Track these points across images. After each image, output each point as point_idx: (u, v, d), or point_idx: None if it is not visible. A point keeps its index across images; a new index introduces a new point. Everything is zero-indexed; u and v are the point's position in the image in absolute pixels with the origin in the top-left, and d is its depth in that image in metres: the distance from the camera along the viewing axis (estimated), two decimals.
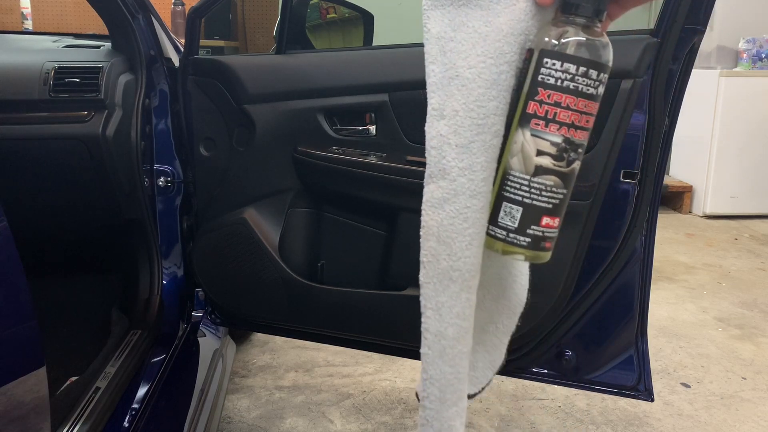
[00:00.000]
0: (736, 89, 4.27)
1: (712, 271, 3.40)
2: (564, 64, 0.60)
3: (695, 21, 1.22)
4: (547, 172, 0.62)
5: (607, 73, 0.61)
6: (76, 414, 1.22)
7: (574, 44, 0.60)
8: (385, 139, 1.41)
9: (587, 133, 0.62)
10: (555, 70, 0.60)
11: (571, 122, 0.60)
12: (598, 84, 0.60)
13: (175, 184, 1.63)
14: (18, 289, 0.79)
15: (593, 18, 0.61)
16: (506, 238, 0.64)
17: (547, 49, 0.61)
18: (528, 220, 0.63)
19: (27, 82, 1.52)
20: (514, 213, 0.63)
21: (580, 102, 0.60)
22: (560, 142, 0.61)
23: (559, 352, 1.42)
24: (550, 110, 0.60)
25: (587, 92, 0.60)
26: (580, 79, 0.60)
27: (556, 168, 0.62)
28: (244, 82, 1.47)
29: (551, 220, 0.63)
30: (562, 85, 0.60)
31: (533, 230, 0.63)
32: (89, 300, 1.91)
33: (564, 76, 0.60)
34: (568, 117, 0.60)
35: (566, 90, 0.60)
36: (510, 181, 0.63)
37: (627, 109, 1.23)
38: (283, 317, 1.53)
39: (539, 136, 0.61)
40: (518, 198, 0.63)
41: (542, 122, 0.61)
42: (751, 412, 2.07)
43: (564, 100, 0.60)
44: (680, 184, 4.56)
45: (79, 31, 2.64)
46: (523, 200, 0.63)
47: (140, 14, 1.58)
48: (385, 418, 1.98)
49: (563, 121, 0.60)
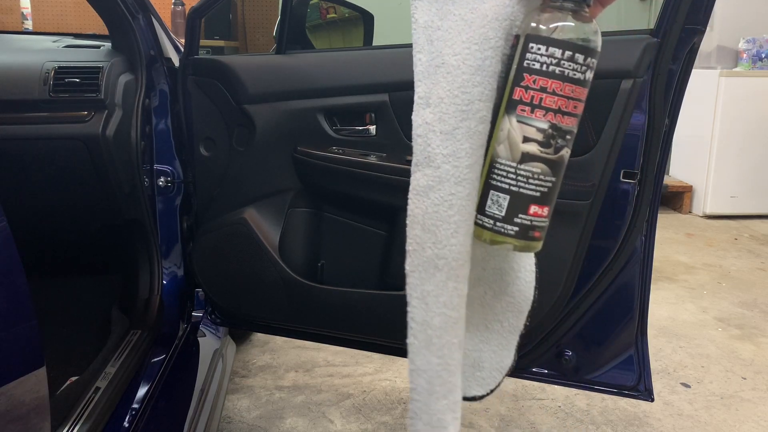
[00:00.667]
0: (736, 89, 4.27)
1: (712, 271, 3.40)
2: (549, 48, 0.59)
3: (695, 21, 1.22)
4: (534, 159, 0.61)
5: (595, 58, 0.60)
6: (76, 414, 1.22)
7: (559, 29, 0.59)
8: (385, 139, 1.41)
9: (576, 119, 0.61)
10: (540, 54, 0.59)
11: (557, 108, 0.59)
12: (585, 69, 0.59)
13: (175, 184, 1.63)
14: (18, 289, 0.79)
15: (580, 2, 0.60)
16: (493, 227, 0.63)
17: (532, 34, 0.60)
18: (515, 209, 0.62)
19: (27, 82, 1.52)
20: (501, 201, 0.62)
21: (567, 87, 0.59)
22: (547, 128, 0.60)
23: (559, 352, 1.42)
24: (535, 96, 0.59)
25: (574, 77, 0.59)
26: (566, 63, 0.59)
27: (544, 155, 0.61)
28: (244, 82, 1.47)
29: (539, 208, 0.62)
30: (548, 69, 0.59)
31: (521, 219, 0.62)
32: (89, 300, 1.91)
33: (549, 61, 0.59)
34: (555, 102, 0.59)
35: (552, 75, 0.59)
36: (497, 169, 0.62)
37: (627, 109, 1.23)
38: (283, 317, 1.53)
39: (525, 123, 0.60)
40: (505, 186, 0.62)
41: (528, 108, 0.60)
42: (751, 412, 2.07)
43: (550, 85, 0.59)
44: (680, 184, 4.56)
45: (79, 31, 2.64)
46: (510, 188, 0.62)
47: (140, 14, 1.58)
48: (385, 418, 1.98)
49: (549, 107, 0.59)
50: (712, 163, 4.38)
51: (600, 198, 1.27)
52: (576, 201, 1.25)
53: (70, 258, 2.01)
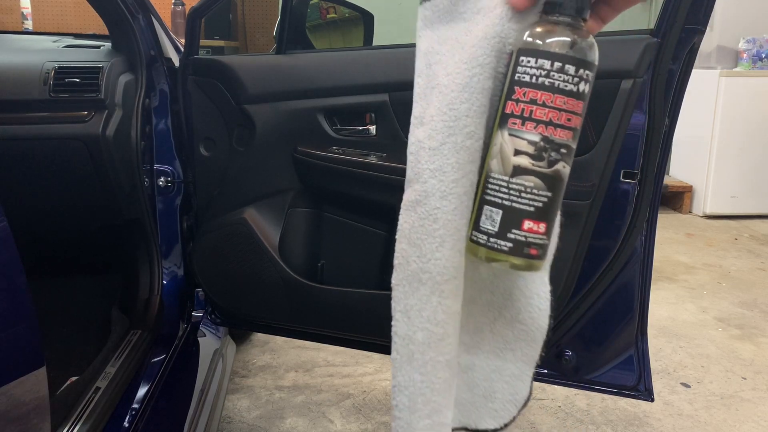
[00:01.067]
0: (736, 89, 4.27)
1: (712, 271, 3.40)
2: (538, 60, 0.58)
3: (695, 21, 1.22)
4: (526, 173, 0.60)
5: (590, 71, 0.60)
6: (76, 414, 1.22)
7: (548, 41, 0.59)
8: (385, 139, 1.41)
9: (571, 132, 0.60)
10: (530, 66, 0.59)
11: (548, 120, 0.59)
12: (578, 80, 0.59)
13: (175, 184, 1.63)
14: (18, 289, 0.79)
15: (576, 16, 0.59)
16: (487, 243, 0.62)
17: (522, 47, 0.60)
18: (508, 224, 0.61)
19: (27, 82, 1.52)
20: (494, 216, 0.62)
21: (558, 98, 0.59)
22: (538, 141, 0.59)
23: (559, 352, 1.42)
24: (526, 108, 0.59)
25: (565, 88, 0.58)
26: (555, 74, 0.58)
27: (536, 168, 0.60)
28: (244, 82, 1.47)
29: (535, 224, 0.61)
30: (537, 81, 0.59)
31: (514, 234, 0.61)
32: (89, 300, 1.91)
33: (538, 73, 0.58)
34: (545, 114, 0.59)
35: (541, 86, 0.59)
36: (490, 184, 0.62)
37: (627, 109, 1.23)
38: (283, 317, 1.53)
39: (516, 135, 0.60)
40: (498, 200, 0.61)
41: (519, 121, 0.60)
42: (751, 412, 2.07)
43: (539, 96, 0.59)
44: (680, 184, 4.56)
45: (79, 31, 2.64)
46: (503, 202, 0.61)
47: (140, 14, 1.58)
48: (385, 418, 1.98)
49: (540, 119, 0.59)
50: (712, 163, 4.38)
51: (600, 198, 1.27)
52: (576, 201, 1.25)
53: (70, 258, 2.01)
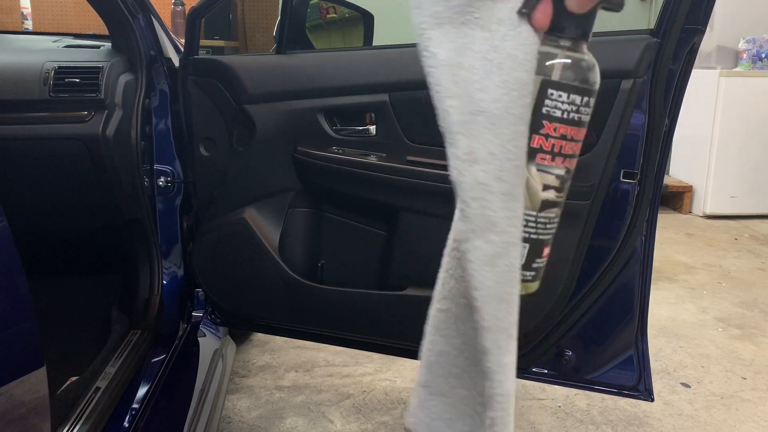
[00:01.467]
0: (736, 89, 4.27)
1: (712, 271, 3.40)
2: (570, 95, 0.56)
3: (695, 21, 1.22)
4: (552, 206, 0.59)
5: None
6: (76, 414, 1.22)
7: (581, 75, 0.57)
8: (385, 139, 1.41)
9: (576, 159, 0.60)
10: (561, 102, 0.56)
11: (572, 153, 0.58)
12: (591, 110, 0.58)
13: (175, 184, 1.63)
14: (18, 289, 0.79)
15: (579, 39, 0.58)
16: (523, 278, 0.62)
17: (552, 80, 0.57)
18: (534, 255, 0.61)
19: (27, 82, 1.52)
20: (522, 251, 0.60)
21: (582, 132, 0.58)
22: (563, 174, 0.58)
23: (559, 352, 1.42)
24: (556, 144, 0.57)
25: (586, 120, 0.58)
26: (584, 109, 0.57)
27: (559, 199, 0.59)
28: (244, 82, 1.47)
29: (547, 249, 0.61)
30: (568, 117, 0.56)
31: (537, 263, 0.61)
32: (89, 300, 1.91)
33: (570, 108, 0.56)
34: (572, 149, 0.58)
35: (571, 122, 0.57)
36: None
37: (627, 109, 1.23)
38: (283, 317, 1.53)
39: (545, 171, 0.58)
40: (526, 235, 0.60)
41: (548, 156, 0.57)
42: (751, 412, 2.07)
43: (569, 132, 0.57)
44: (680, 184, 4.56)
45: (79, 31, 2.64)
46: (530, 236, 0.60)
47: (140, 14, 1.57)
48: (385, 418, 1.98)
49: (567, 153, 0.58)
50: (712, 163, 4.37)
51: (600, 198, 1.27)
52: (576, 201, 1.25)
53: (70, 258, 2.01)
